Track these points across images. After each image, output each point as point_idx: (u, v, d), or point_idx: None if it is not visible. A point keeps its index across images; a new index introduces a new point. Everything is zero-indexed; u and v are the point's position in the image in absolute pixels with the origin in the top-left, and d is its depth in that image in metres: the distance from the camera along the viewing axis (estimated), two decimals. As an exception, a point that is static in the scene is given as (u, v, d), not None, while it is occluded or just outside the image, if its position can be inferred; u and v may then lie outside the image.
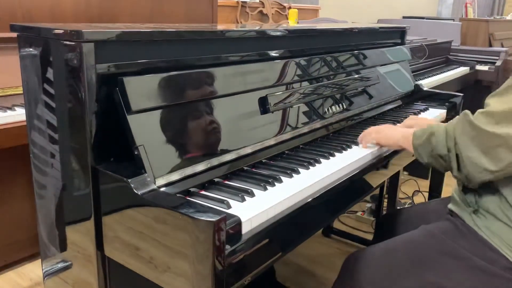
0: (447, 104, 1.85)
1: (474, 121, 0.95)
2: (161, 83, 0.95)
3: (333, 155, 1.21)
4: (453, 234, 1.07)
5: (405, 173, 2.98)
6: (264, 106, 1.18)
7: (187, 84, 1.00)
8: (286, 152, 1.23)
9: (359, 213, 2.50)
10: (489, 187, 1.04)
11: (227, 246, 0.78)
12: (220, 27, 1.37)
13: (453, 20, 4.69)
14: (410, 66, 2.04)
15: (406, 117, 1.52)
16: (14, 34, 1.02)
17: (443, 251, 1.06)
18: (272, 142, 1.18)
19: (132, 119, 0.88)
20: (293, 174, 1.07)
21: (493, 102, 0.95)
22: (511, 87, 0.94)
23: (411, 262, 1.08)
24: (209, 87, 1.05)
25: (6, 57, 1.68)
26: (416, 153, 1.12)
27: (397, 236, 1.18)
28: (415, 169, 2.89)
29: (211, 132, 1.03)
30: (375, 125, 1.52)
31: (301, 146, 1.29)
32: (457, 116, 1.04)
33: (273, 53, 1.31)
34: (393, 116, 1.68)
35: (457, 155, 0.99)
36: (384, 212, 2.30)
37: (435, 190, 2.03)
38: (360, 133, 1.43)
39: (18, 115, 1.62)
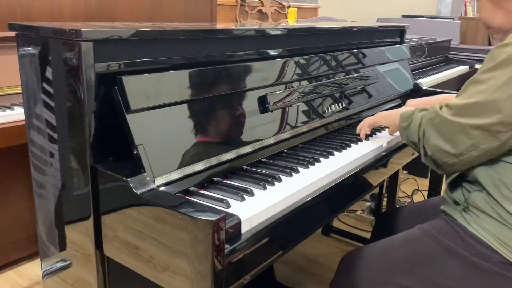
0: (446, 103, 1.84)
1: (440, 112, 1.06)
2: (160, 82, 0.95)
3: (332, 154, 1.21)
4: (447, 232, 1.09)
5: (405, 172, 2.98)
6: (263, 105, 1.18)
7: (187, 83, 1.00)
8: (286, 151, 1.23)
9: (358, 212, 2.50)
10: (475, 184, 1.06)
11: (227, 245, 0.78)
12: (219, 26, 1.37)
13: (453, 19, 4.69)
14: (410, 65, 2.04)
15: None
16: (13, 33, 1.01)
17: (438, 250, 1.07)
18: (271, 141, 1.18)
19: (131, 118, 0.88)
20: (293, 173, 1.06)
21: (454, 99, 1.06)
22: (468, 84, 1.04)
23: (407, 260, 1.09)
24: (208, 86, 1.05)
25: (5, 56, 1.68)
26: (400, 134, 1.21)
27: (393, 235, 1.19)
28: (415, 168, 2.89)
29: (210, 131, 1.03)
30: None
31: (300, 145, 1.29)
32: (430, 108, 1.13)
33: (273, 52, 1.31)
34: (393, 115, 1.68)
35: (423, 144, 1.09)
36: (384, 211, 2.30)
37: (434, 189, 2.03)
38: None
39: (17, 114, 1.61)
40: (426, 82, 2.61)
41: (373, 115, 1.61)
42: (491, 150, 0.99)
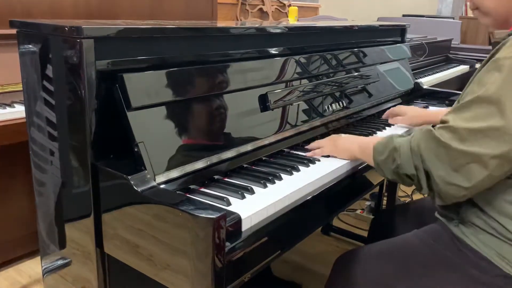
0: (446, 102, 1.85)
1: (439, 137, 0.91)
2: (161, 79, 0.95)
3: (333, 153, 1.21)
4: (445, 242, 1.05)
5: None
6: (264, 103, 1.17)
7: (187, 81, 1.00)
8: (286, 149, 1.23)
9: (358, 211, 2.50)
10: (467, 201, 1.00)
11: (227, 244, 0.78)
12: (219, 24, 1.37)
13: (453, 18, 4.69)
14: (410, 64, 2.04)
15: None
16: (14, 30, 1.01)
17: (436, 259, 1.04)
18: (272, 139, 1.18)
19: (132, 116, 0.88)
20: (293, 172, 1.06)
21: (453, 119, 0.91)
22: (470, 103, 0.91)
23: (403, 267, 1.06)
24: (209, 84, 1.05)
25: (5, 53, 1.68)
26: (378, 169, 1.05)
27: (390, 239, 1.16)
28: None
29: (211, 129, 1.03)
30: (374, 123, 1.53)
31: (301, 143, 1.28)
32: (418, 131, 0.98)
33: (273, 51, 1.31)
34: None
35: (426, 173, 0.93)
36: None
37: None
38: (359, 131, 1.43)
39: (18, 112, 1.61)
40: (426, 81, 2.61)
41: (374, 114, 1.62)
42: (504, 175, 0.91)
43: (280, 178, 1.02)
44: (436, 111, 1.54)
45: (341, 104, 1.46)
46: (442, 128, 0.92)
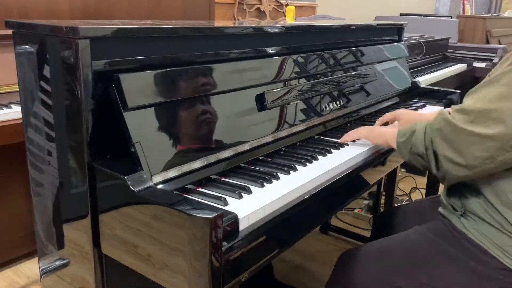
0: (444, 101, 1.85)
1: (450, 119, 0.96)
2: (158, 79, 0.95)
3: (330, 152, 1.21)
4: (445, 236, 1.07)
5: (403, 170, 2.98)
6: (261, 103, 1.17)
7: (184, 80, 1.00)
8: (284, 149, 1.23)
9: (356, 210, 2.50)
10: (473, 190, 1.03)
11: (224, 243, 0.78)
12: (217, 23, 1.37)
13: (451, 17, 4.70)
14: (408, 63, 2.04)
15: None
16: (10, 31, 1.01)
17: (436, 253, 1.05)
18: (269, 139, 1.18)
19: (128, 116, 0.88)
20: (291, 171, 1.06)
21: (467, 100, 0.96)
22: (483, 85, 0.95)
23: (405, 263, 1.08)
24: (206, 83, 1.05)
25: (2, 54, 1.67)
26: (398, 150, 1.13)
27: (391, 236, 1.18)
28: (413, 166, 2.89)
29: (208, 129, 1.03)
30: (372, 122, 1.52)
31: (298, 143, 1.29)
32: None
33: (271, 50, 1.31)
34: (391, 113, 1.67)
35: (434, 153, 0.99)
36: (382, 209, 2.30)
37: (432, 187, 2.04)
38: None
39: (14, 112, 1.61)
40: (424, 80, 2.62)
41: (371, 114, 1.62)
42: (510, 163, 0.93)
43: (277, 178, 1.02)
44: (431, 114, 1.51)
45: (338, 103, 1.46)
46: (455, 109, 0.96)
